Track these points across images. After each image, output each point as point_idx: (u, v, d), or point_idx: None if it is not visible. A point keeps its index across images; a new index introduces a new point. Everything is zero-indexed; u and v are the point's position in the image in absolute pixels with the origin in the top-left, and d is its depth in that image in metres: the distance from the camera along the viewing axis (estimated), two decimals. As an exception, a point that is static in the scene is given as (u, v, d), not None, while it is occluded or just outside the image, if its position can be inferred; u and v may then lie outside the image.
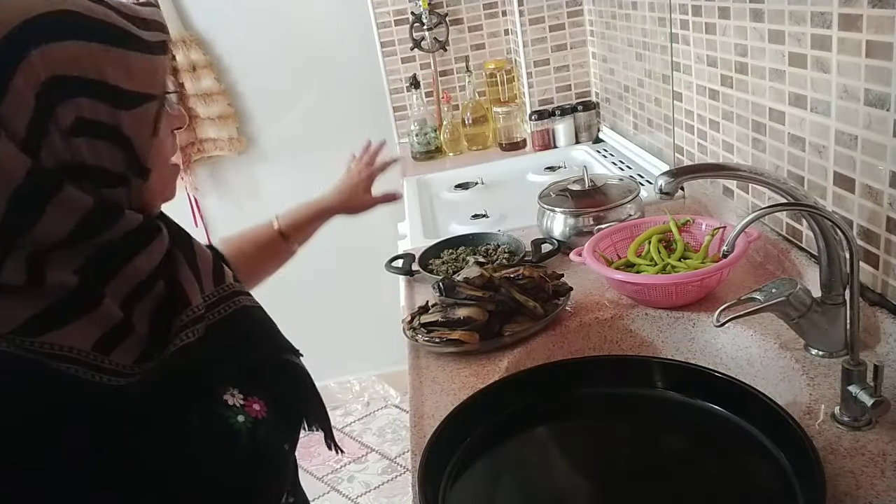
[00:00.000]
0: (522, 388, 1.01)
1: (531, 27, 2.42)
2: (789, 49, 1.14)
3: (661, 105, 1.81)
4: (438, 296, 1.24)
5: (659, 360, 1.02)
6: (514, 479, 0.93)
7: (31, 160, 0.58)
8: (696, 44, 1.51)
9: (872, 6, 0.92)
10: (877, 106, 0.94)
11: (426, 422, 1.04)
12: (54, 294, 0.61)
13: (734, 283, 1.26)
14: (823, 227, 0.97)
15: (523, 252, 1.49)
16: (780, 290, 0.98)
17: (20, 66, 0.57)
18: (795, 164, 1.19)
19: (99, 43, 0.61)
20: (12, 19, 0.57)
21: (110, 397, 0.62)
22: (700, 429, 0.94)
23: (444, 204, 2.10)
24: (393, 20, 2.58)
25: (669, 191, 0.98)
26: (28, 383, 0.59)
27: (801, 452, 0.76)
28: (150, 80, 0.66)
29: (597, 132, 2.43)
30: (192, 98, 2.55)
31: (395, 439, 2.86)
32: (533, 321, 1.21)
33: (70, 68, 0.59)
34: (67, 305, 0.62)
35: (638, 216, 1.50)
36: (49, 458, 0.58)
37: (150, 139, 0.66)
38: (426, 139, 2.54)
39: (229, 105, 2.62)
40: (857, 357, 0.86)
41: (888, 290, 1.01)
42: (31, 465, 0.58)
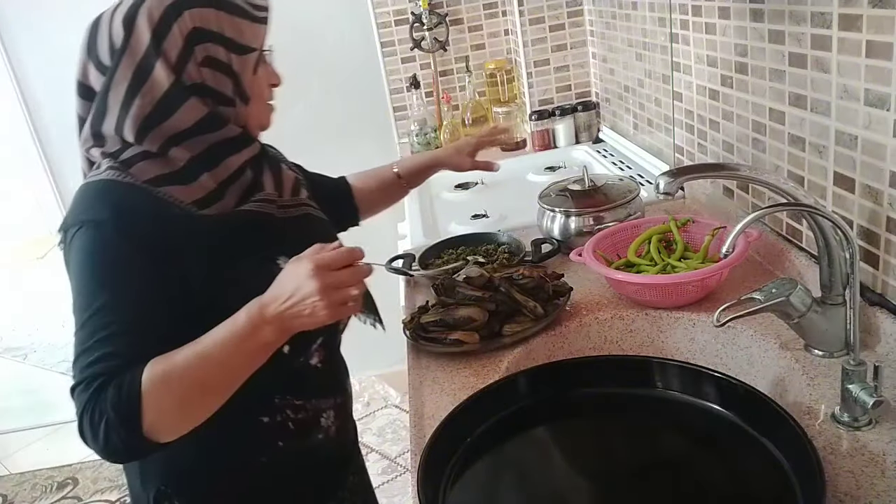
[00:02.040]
0: (522, 388, 1.01)
1: (531, 27, 2.42)
2: (789, 49, 1.14)
3: (661, 105, 1.81)
4: (438, 296, 1.24)
5: (659, 360, 1.02)
6: (514, 479, 0.93)
7: (175, 77, 0.94)
8: (696, 44, 1.51)
9: (872, 6, 0.92)
10: (877, 106, 0.94)
11: (426, 422, 1.04)
12: (174, 165, 0.96)
13: (734, 283, 1.26)
14: (823, 227, 0.97)
15: (523, 252, 1.49)
16: (780, 290, 0.98)
17: (179, 19, 0.94)
18: (795, 164, 1.19)
19: (224, 11, 0.96)
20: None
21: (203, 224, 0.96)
22: (700, 429, 0.94)
23: (444, 204, 2.10)
24: (393, 20, 2.58)
25: (669, 191, 0.98)
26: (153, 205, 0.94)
27: (801, 452, 0.76)
28: (253, 38, 0.99)
29: (597, 132, 2.43)
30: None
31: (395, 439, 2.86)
32: (533, 321, 1.21)
33: (206, 24, 0.95)
34: (177, 175, 0.96)
35: (638, 216, 1.50)
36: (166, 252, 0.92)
37: (251, 77, 1.00)
38: (426, 139, 2.54)
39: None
40: (857, 357, 0.86)
41: (888, 290, 1.01)
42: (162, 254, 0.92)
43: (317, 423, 1.09)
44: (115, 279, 0.89)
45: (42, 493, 2.85)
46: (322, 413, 1.10)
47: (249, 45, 0.99)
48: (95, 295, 0.88)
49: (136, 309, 0.89)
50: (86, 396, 0.84)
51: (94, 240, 0.90)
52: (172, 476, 1.03)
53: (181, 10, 0.93)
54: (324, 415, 1.10)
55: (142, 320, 0.89)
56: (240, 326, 0.86)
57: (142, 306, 0.89)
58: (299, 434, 1.07)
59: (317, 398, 1.09)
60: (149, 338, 0.88)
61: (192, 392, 0.86)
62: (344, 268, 0.85)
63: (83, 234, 0.91)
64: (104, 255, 0.90)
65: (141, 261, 0.90)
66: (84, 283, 0.90)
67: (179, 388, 0.85)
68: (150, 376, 0.83)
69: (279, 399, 1.04)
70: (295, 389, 1.05)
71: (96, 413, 0.83)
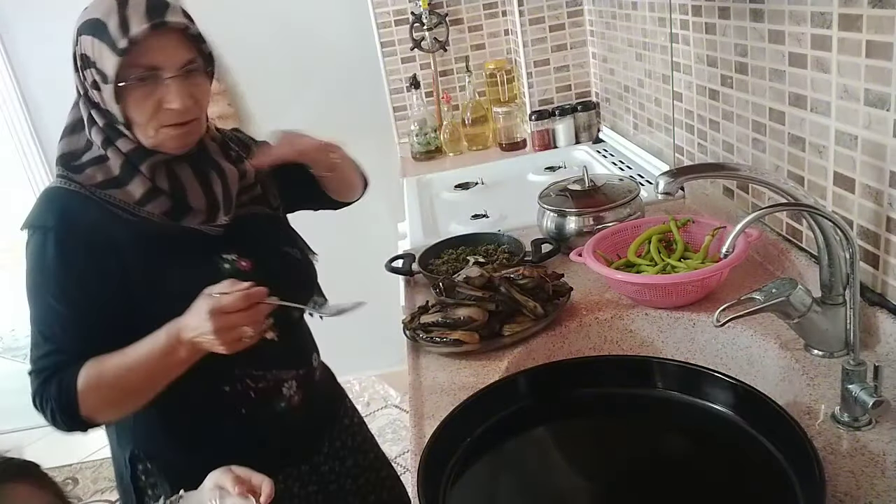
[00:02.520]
0: (523, 388, 1.01)
1: (531, 27, 2.42)
2: (789, 49, 1.14)
3: (661, 105, 1.81)
4: (438, 296, 1.24)
5: (659, 360, 1.02)
6: (514, 479, 0.93)
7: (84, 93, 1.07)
8: (696, 44, 1.50)
9: (872, 6, 0.92)
10: (877, 106, 0.94)
11: (426, 422, 1.04)
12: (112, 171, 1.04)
13: (734, 283, 1.26)
14: (823, 227, 0.97)
15: (523, 252, 1.49)
16: (780, 290, 0.98)
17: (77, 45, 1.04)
18: (795, 164, 1.19)
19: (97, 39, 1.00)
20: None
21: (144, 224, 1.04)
22: (700, 429, 0.94)
23: (444, 204, 2.10)
24: (393, 20, 2.58)
25: (669, 191, 0.98)
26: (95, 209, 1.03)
27: (801, 452, 0.76)
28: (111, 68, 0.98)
29: (597, 132, 2.43)
30: (192, 98, 2.55)
31: (395, 439, 2.86)
32: (533, 321, 1.21)
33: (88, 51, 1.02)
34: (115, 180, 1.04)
35: (638, 216, 1.50)
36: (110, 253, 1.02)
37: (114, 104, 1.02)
38: (426, 139, 2.54)
39: (229, 105, 2.62)
40: (857, 357, 0.86)
41: (888, 290, 1.01)
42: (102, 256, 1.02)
43: (278, 392, 1.17)
44: (59, 280, 1.01)
45: (42, 493, 2.85)
46: (283, 383, 1.18)
47: (107, 73, 0.99)
48: (43, 294, 1.03)
49: (78, 308, 1.01)
50: (35, 385, 1.03)
51: (42, 244, 1.02)
52: (142, 440, 1.14)
53: (78, 34, 1.02)
54: (285, 385, 1.18)
55: (83, 318, 1.01)
56: (160, 344, 0.98)
57: (84, 305, 1.01)
58: (261, 402, 1.15)
59: (277, 369, 1.17)
60: (90, 333, 1.01)
61: (119, 395, 1.01)
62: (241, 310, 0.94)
63: (33, 238, 1.04)
64: (49, 257, 1.02)
65: (83, 262, 1.01)
66: (33, 283, 1.04)
67: (108, 392, 1.00)
68: (83, 379, 0.98)
69: (238, 370, 1.12)
70: (253, 361, 1.11)
71: (44, 399, 1.01)
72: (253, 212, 1.17)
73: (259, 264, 1.12)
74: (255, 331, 0.97)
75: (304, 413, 1.21)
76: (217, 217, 1.09)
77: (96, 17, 1.00)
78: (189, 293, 0.97)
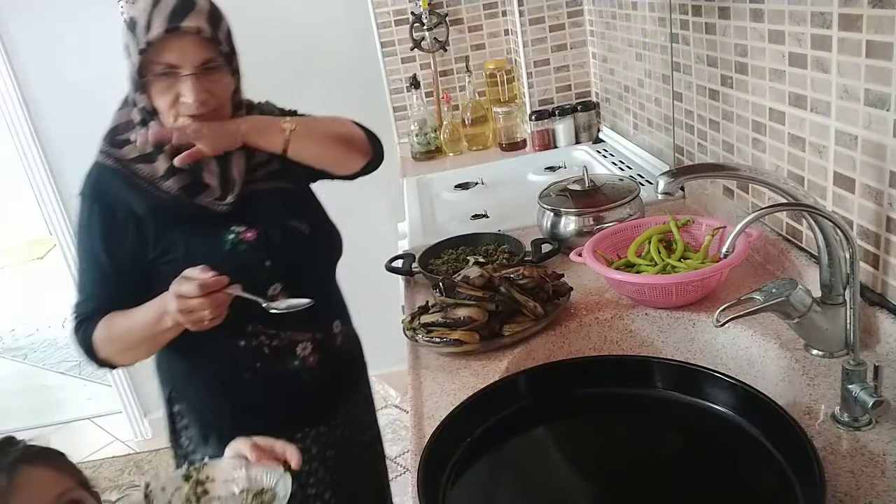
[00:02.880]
0: (523, 388, 1.01)
1: (531, 27, 2.42)
2: (789, 49, 1.14)
3: (661, 105, 1.81)
4: (438, 296, 1.24)
5: (659, 360, 1.02)
6: (514, 479, 0.93)
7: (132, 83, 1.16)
8: (696, 44, 1.51)
9: (872, 6, 0.92)
10: (877, 106, 0.94)
11: (426, 422, 1.04)
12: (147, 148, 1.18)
13: (734, 283, 1.26)
14: (823, 227, 0.97)
15: (523, 252, 1.49)
16: (780, 290, 0.98)
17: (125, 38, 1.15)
18: (795, 164, 1.19)
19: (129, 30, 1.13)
20: None
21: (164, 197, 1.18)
22: (700, 429, 0.94)
23: (444, 204, 2.10)
24: (393, 20, 2.58)
25: (669, 191, 0.98)
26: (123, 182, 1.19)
27: (801, 452, 0.76)
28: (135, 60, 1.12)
29: (597, 132, 2.43)
30: (192, 98, 2.55)
31: (395, 439, 2.86)
32: (533, 321, 1.21)
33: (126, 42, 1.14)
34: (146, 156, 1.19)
35: (638, 216, 1.50)
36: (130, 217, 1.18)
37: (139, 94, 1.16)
38: (426, 139, 2.54)
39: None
40: (857, 357, 0.86)
41: (888, 290, 1.01)
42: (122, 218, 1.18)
43: (292, 351, 1.28)
44: (91, 241, 1.19)
45: (42, 493, 2.85)
46: (297, 344, 1.28)
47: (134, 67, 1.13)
48: (80, 252, 1.21)
49: (103, 267, 1.19)
50: (71, 327, 1.23)
51: (80, 210, 1.21)
52: (176, 383, 1.31)
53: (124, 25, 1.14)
54: (300, 346, 1.28)
55: (107, 276, 1.19)
56: (152, 311, 1.14)
57: (108, 265, 1.19)
58: (274, 359, 1.26)
59: (291, 331, 1.27)
60: (112, 290, 1.19)
61: (125, 348, 1.19)
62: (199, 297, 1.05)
63: (77, 204, 1.22)
64: (84, 221, 1.20)
65: (108, 227, 1.18)
66: (76, 242, 1.23)
67: (117, 345, 1.19)
68: (99, 331, 1.18)
69: (251, 327, 1.24)
70: (266, 321, 1.22)
71: (77, 341, 1.21)
72: (266, 187, 1.27)
73: (262, 236, 1.23)
74: (213, 315, 1.08)
75: (321, 375, 1.31)
76: (229, 194, 1.21)
77: (133, 14, 1.12)
78: (195, 261, 1.10)
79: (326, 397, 1.35)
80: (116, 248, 1.18)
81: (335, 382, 1.36)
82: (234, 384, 1.26)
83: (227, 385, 1.27)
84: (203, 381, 1.28)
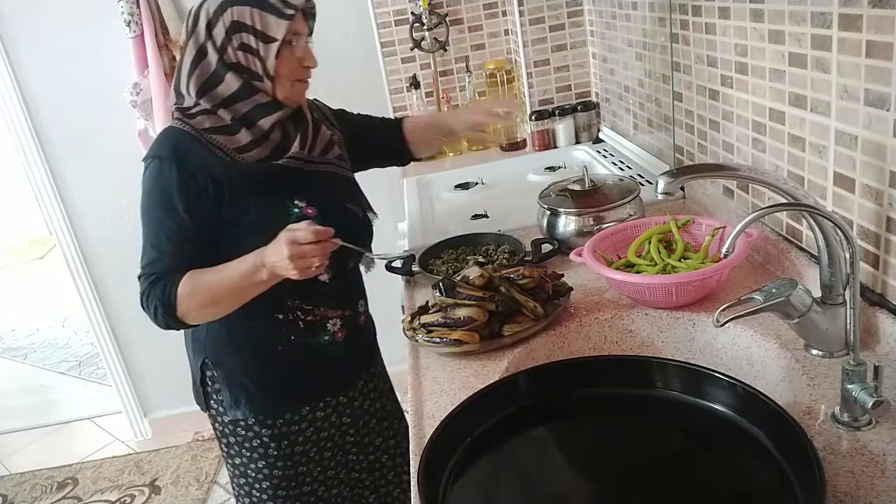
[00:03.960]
0: (522, 388, 1.01)
1: (531, 27, 2.42)
2: (789, 49, 1.14)
3: (661, 105, 1.81)
4: (438, 296, 1.24)
5: (659, 360, 1.02)
6: (514, 479, 0.93)
7: (219, 56, 1.26)
8: (696, 44, 1.51)
9: (872, 6, 0.92)
10: (877, 106, 0.94)
11: (426, 422, 1.04)
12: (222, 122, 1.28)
13: (734, 283, 1.26)
14: (823, 227, 0.97)
15: (523, 252, 1.49)
16: (780, 290, 0.98)
17: (224, 14, 1.24)
18: (795, 164, 1.19)
19: (257, 9, 1.24)
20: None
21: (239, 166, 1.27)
22: (700, 429, 0.94)
23: (444, 204, 2.10)
24: (393, 20, 2.58)
25: (669, 191, 0.98)
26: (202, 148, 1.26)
27: (801, 452, 0.76)
28: (277, 31, 1.24)
29: (597, 132, 2.43)
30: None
31: (395, 439, 2.86)
32: (533, 321, 1.21)
33: (243, 18, 1.24)
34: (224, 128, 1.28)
35: (638, 216, 1.50)
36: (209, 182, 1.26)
37: (274, 60, 1.26)
38: (426, 139, 2.53)
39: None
40: (858, 357, 0.86)
41: (888, 290, 1.01)
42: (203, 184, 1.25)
43: (324, 326, 1.40)
44: (170, 200, 1.24)
45: (42, 493, 2.85)
46: (329, 320, 1.40)
47: (274, 36, 1.24)
48: (156, 211, 1.25)
49: (182, 224, 1.24)
50: (144, 286, 1.25)
51: (158, 169, 1.25)
52: (211, 351, 1.38)
53: (226, 7, 1.24)
54: (330, 321, 1.40)
55: (185, 233, 1.25)
56: (247, 265, 1.21)
57: (186, 223, 1.25)
58: (307, 332, 1.38)
59: (325, 307, 1.39)
60: (189, 248, 1.25)
61: (208, 302, 1.25)
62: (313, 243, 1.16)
63: (151, 166, 1.26)
64: (163, 181, 1.24)
65: (188, 187, 1.24)
66: (148, 202, 1.26)
67: (201, 298, 1.24)
68: (183, 285, 1.22)
69: (290, 302, 1.35)
70: (305, 296, 1.35)
71: (151, 298, 1.24)
72: (329, 169, 1.39)
73: (322, 213, 1.32)
74: (321, 262, 1.19)
75: (346, 350, 1.43)
76: (304, 163, 1.33)
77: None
78: (264, 227, 1.23)
79: (348, 370, 1.48)
80: (196, 207, 1.24)
81: (357, 357, 1.50)
82: (269, 354, 1.37)
83: (262, 354, 1.37)
84: (241, 349, 1.37)
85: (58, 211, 2.73)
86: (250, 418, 1.39)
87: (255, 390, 1.38)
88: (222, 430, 1.43)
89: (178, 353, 1.51)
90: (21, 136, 2.61)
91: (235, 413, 1.39)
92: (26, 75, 2.55)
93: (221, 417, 1.42)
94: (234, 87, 1.26)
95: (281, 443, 1.41)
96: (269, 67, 1.26)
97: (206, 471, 2.80)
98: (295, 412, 1.41)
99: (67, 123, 2.59)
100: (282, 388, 1.40)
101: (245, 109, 1.28)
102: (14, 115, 2.58)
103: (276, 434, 1.40)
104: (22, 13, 2.49)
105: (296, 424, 1.42)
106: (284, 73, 1.28)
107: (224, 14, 1.24)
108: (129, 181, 2.79)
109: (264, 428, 1.40)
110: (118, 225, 2.72)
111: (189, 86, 1.27)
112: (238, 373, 1.38)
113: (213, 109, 1.27)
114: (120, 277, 2.80)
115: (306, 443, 1.43)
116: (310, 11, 1.34)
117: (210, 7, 1.25)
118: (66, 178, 2.69)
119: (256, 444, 1.41)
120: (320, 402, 1.43)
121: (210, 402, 1.43)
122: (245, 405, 1.39)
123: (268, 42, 1.25)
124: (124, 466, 2.92)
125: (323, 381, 1.43)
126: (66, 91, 2.55)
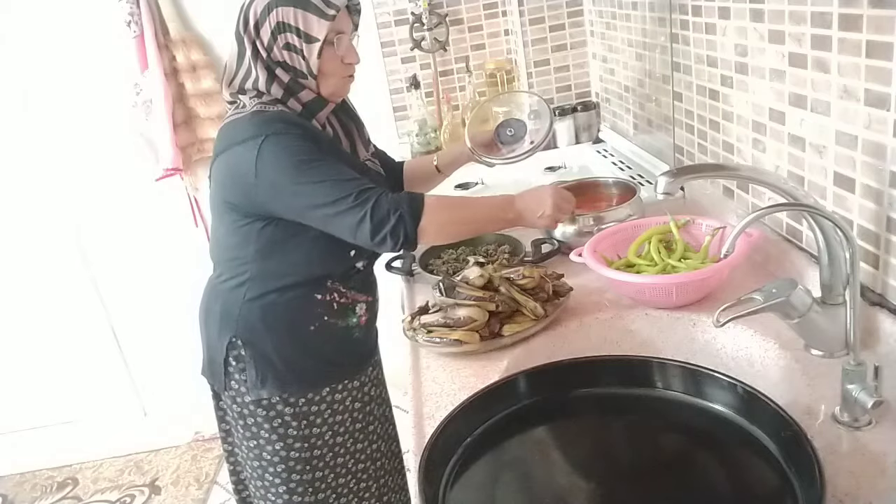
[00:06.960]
0: (522, 388, 1.01)
1: (531, 27, 2.42)
2: (789, 49, 1.14)
3: (661, 105, 1.81)
4: (438, 296, 1.24)
5: (659, 360, 1.02)
6: (515, 478, 0.93)
7: (267, 55, 1.31)
8: (696, 44, 1.51)
9: (872, 6, 0.92)
10: (877, 106, 0.94)
11: (426, 422, 1.04)
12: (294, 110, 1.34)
13: (734, 283, 1.26)
14: (823, 227, 0.97)
15: (523, 252, 1.49)
16: (780, 291, 0.98)
17: (270, 14, 1.28)
18: (795, 164, 1.19)
19: (300, 9, 1.27)
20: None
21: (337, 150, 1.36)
22: (700, 429, 0.94)
23: (444, 204, 2.09)
24: (393, 20, 2.58)
25: (669, 191, 0.98)
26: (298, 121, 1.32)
27: (801, 452, 0.76)
28: (319, 31, 1.28)
29: (597, 132, 2.43)
30: (193, 98, 2.54)
31: (395, 439, 2.86)
32: (533, 321, 1.21)
33: (287, 19, 1.27)
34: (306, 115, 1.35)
35: (638, 216, 1.50)
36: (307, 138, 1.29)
37: (316, 59, 1.30)
38: (426, 139, 2.53)
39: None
40: (858, 357, 0.86)
41: (888, 290, 1.01)
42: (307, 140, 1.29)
43: (353, 309, 1.45)
44: (316, 151, 1.27)
45: (42, 493, 2.85)
46: (357, 304, 1.45)
47: (316, 36, 1.29)
48: (312, 164, 1.25)
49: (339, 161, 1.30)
50: (369, 205, 1.23)
51: (284, 140, 1.26)
52: (242, 329, 1.39)
53: (272, 8, 1.28)
54: (358, 305, 1.45)
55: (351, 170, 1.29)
56: (497, 200, 1.34)
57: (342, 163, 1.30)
58: (339, 314, 1.42)
59: (355, 291, 1.44)
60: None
61: (458, 222, 1.32)
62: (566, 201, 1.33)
63: (271, 141, 1.26)
64: (296, 144, 1.26)
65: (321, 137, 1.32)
66: (295, 164, 1.25)
67: (449, 213, 1.30)
68: (430, 199, 1.27)
69: (331, 283, 1.40)
70: (343, 280, 1.41)
71: (390, 210, 1.23)
72: (375, 168, 1.48)
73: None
74: (561, 221, 1.37)
75: (365, 334, 1.49)
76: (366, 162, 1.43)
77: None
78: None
79: (365, 354, 1.53)
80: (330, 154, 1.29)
81: (371, 342, 1.55)
82: (302, 332, 1.40)
83: (295, 332, 1.40)
84: (274, 327, 1.39)
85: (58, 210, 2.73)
86: (275, 396, 1.40)
87: (283, 369, 1.39)
88: (241, 410, 1.44)
89: (179, 352, 1.51)
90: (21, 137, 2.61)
91: (260, 392, 1.40)
92: (26, 75, 2.55)
93: (242, 398, 1.42)
94: (284, 84, 1.31)
95: (301, 422, 1.42)
96: (313, 66, 1.30)
97: (206, 471, 2.80)
98: (316, 392, 1.43)
99: (67, 123, 2.59)
100: (308, 367, 1.42)
101: (301, 103, 1.33)
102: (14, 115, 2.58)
103: (298, 413, 1.42)
104: (22, 13, 2.49)
105: (315, 405, 1.43)
106: (328, 71, 1.33)
107: (270, 15, 1.28)
108: (129, 181, 2.80)
109: (287, 406, 1.41)
110: (119, 223, 2.72)
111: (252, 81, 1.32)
112: (269, 350, 1.39)
113: (282, 100, 1.32)
114: (120, 276, 2.80)
115: (323, 425, 1.44)
116: (354, 8, 1.38)
117: (257, 7, 1.29)
118: (66, 178, 2.69)
119: (277, 424, 1.42)
120: (339, 384, 1.46)
121: (231, 381, 1.43)
122: (271, 383, 1.40)
123: (310, 42, 1.29)
124: (124, 466, 2.92)
125: (344, 363, 1.46)
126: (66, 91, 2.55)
